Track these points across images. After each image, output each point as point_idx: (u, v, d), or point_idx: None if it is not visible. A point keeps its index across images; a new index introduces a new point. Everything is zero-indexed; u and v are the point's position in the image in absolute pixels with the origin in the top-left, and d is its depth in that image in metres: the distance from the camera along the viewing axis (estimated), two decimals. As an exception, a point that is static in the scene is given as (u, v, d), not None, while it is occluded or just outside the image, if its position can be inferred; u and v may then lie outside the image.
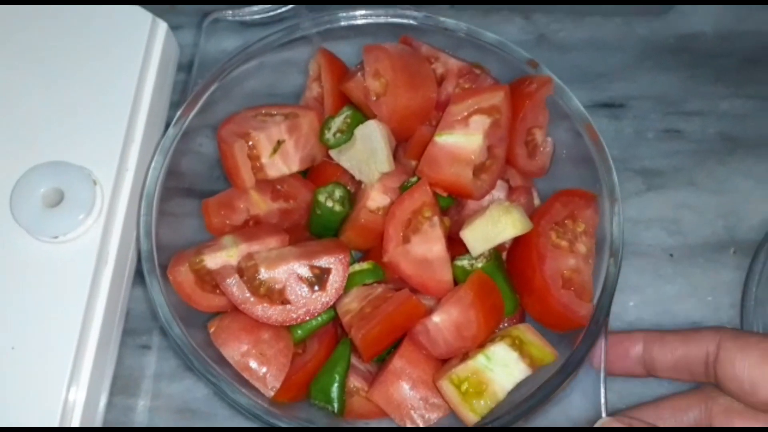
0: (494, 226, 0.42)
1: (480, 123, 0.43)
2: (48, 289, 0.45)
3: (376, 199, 0.46)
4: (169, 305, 0.42)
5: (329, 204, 0.47)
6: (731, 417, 0.41)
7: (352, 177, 0.49)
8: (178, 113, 0.47)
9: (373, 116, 0.47)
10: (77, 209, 0.45)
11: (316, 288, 0.43)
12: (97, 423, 0.47)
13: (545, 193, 0.50)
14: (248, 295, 0.42)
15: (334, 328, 0.46)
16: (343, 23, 0.49)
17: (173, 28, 0.55)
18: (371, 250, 0.48)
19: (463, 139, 0.43)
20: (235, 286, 0.42)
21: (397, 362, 0.42)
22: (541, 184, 0.51)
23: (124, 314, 0.51)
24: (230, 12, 0.50)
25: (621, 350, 0.44)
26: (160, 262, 0.44)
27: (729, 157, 0.58)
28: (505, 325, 0.45)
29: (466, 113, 0.44)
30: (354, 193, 0.49)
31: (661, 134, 0.59)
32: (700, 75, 0.61)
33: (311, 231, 0.49)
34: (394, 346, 0.44)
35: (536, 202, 0.49)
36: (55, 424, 0.42)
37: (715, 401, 0.42)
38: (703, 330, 0.42)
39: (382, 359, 0.45)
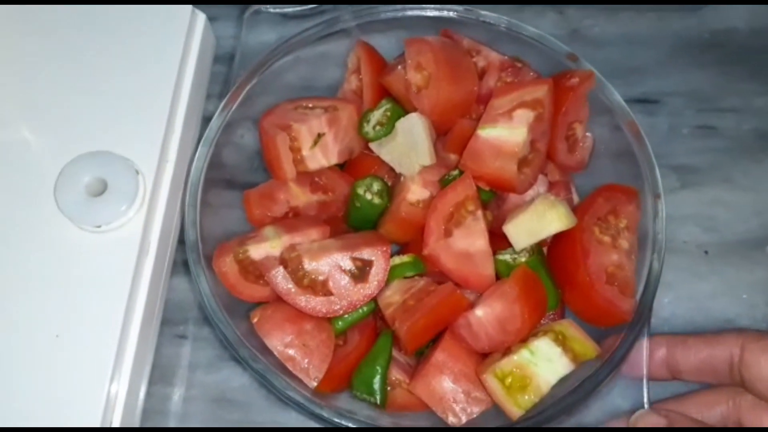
0: (539, 221, 0.42)
1: (524, 117, 0.43)
2: (91, 278, 0.45)
3: (416, 192, 0.46)
4: (214, 295, 0.43)
5: (368, 197, 0.47)
6: (759, 413, 0.41)
7: (389, 169, 0.49)
8: (221, 105, 0.47)
9: (413, 109, 0.47)
10: (120, 199, 0.46)
11: (358, 280, 0.43)
12: (138, 411, 0.48)
13: (582, 188, 0.50)
14: (292, 286, 0.42)
15: (373, 321, 0.47)
16: (383, 16, 0.49)
17: (209, 19, 0.55)
18: (409, 243, 0.48)
19: (507, 133, 0.43)
20: (280, 277, 0.42)
21: (439, 355, 0.42)
22: (577, 179, 0.51)
23: (163, 304, 0.51)
24: (270, 5, 0.50)
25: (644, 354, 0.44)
26: (202, 252, 0.44)
27: (764, 154, 0.57)
28: (546, 320, 0.45)
29: (509, 107, 0.44)
30: (391, 185, 0.49)
31: (696, 131, 0.59)
32: (734, 71, 0.60)
33: (349, 223, 0.50)
34: (433, 340, 0.44)
35: (575, 197, 0.49)
36: (100, 412, 0.42)
37: (743, 397, 0.42)
38: (725, 333, 0.43)
39: (421, 352, 0.45)
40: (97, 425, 0.42)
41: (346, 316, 0.44)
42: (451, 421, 0.42)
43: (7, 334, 0.44)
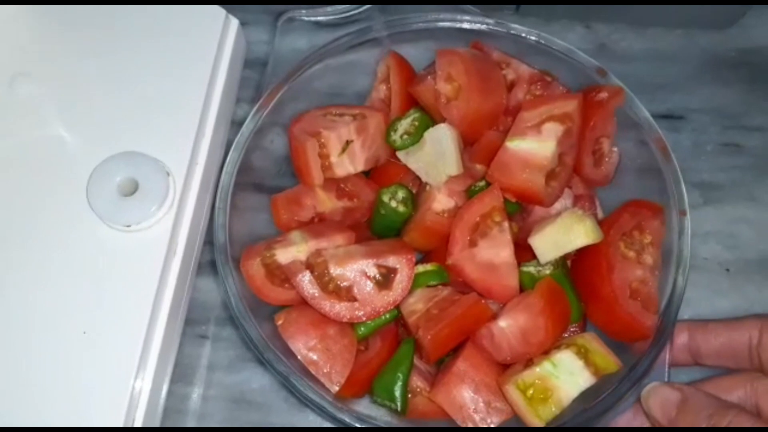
0: (566, 234, 0.42)
1: (553, 130, 0.44)
2: (119, 277, 0.46)
3: (442, 201, 0.47)
4: (240, 297, 0.43)
5: (393, 204, 0.48)
6: None
7: (414, 178, 0.49)
8: (253, 110, 0.47)
9: (441, 119, 0.48)
10: (151, 200, 0.46)
11: (382, 287, 0.44)
12: (159, 409, 0.48)
13: (606, 202, 0.50)
14: (317, 290, 0.43)
15: (395, 327, 0.47)
16: (414, 27, 0.50)
17: (241, 24, 0.56)
18: (433, 251, 0.49)
19: (536, 146, 0.44)
20: (306, 282, 0.43)
21: (460, 365, 0.43)
22: (601, 193, 0.51)
23: (188, 304, 0.52)
24: (304, 11, 0.50)
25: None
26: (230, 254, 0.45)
27: (788, 173, 0.57)
28: (568, 333, 0.45)
29: (538, 120, 0.44)
30: (416, 194, 0.50)
31: (720, 148, 0.59)
32: (760, 90, 0.60)
33: (373, 230, 0.50)
34: (455, 348, 0.45)
35: (599, 211, 0.49)
36: (123, 407, 0.43)
37: (761, 381, 0.42)
38: (746, 317, 0.43)
39: (442, 361, 0.46)
40: (121, 422, 0.43)
41: (369, 322, 0.45)
42: (472, 430, 0.42)
43: (36, 329, 0.44)
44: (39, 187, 0.48)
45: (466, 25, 0.50)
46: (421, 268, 0.46)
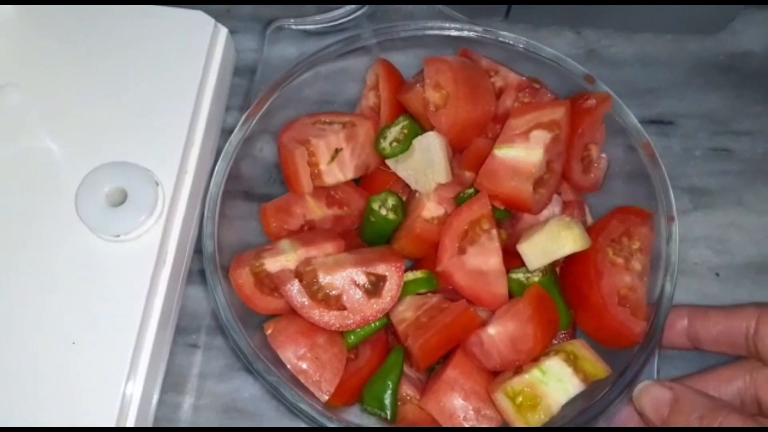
0: (554, 241, 0.42)
1: (540, 138, 0.44)
2: (109, 287, 0.46)
3: (432, 209, 0.47)
4: (229, 306, 0.43)
5: (383, 212, 0.48)
6: None
7: (404, 185, 0.50)
8: (242, 119, 0.47)
9: (430, 127, 0.48)
10: (140, 209, 0.46)
11: (372, 295, 0.44)
12: (150, 419, 0.48)
13: (595, 208, 0.50)
14: (307, 299, 0.43)
15: (385, 335, 0.47)
16: (403, 34, 0.50)
17: (230, 32, 0.56)
18: (422, 259, 0.49)
19: (524, 153, 0.44)
20: (295, 291, 0.43)
21: (450, 373, 0.43)
22: (591, 199, 0.51)
23: (177, 313, 0.52)
24: (293, 20, 0.50)
25: (667, 324, 0.45)
26: (219, 263, 0.45)
27: (777, 177, 0.58)
28: (557, 340, 0.45)
29: (526, 127, 0.44)
30: (406, 201, 0.50)
31: (710, 153, 0.59)
32: (749, 94, 0.61)
33: (363, 238, 0.50)
34: (445, 356, 0.45)
35: (588, 218, 0.49)
36: (114, 418, 0.43)
37: (760, 371, 0.43)
38: (745, 305, 0.44)
39: (432, 368, 0.46)
40: (111, 431, 0.43)
41: (359, 330, 0.45)
42: (462, 438, 0.42)
43: (25, 340, 0.44)
44: (27, 198, 0.48)
45: (454, 33, 0.50)
46: (410, 275, 0.46)
